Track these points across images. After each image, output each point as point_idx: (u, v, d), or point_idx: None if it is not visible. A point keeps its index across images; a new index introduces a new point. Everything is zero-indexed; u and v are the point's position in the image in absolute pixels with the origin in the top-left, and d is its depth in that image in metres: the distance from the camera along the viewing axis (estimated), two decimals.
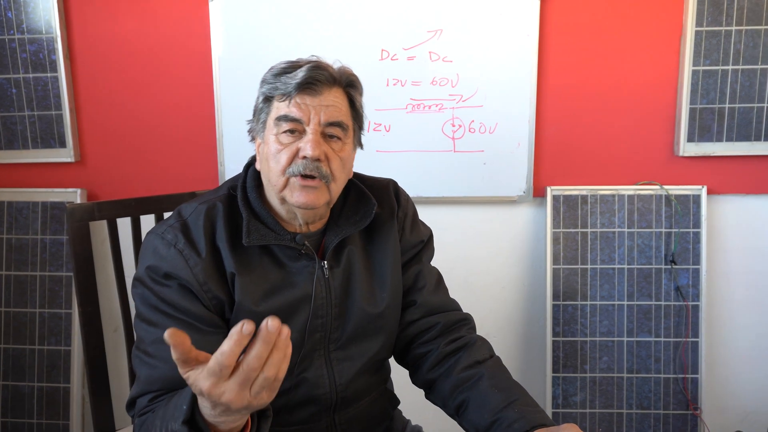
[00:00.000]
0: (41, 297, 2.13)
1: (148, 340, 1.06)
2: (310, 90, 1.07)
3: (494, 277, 2.22)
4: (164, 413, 0.94)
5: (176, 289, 1.06)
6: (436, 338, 1.25)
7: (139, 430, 1.02)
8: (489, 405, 1.13)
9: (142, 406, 1.04)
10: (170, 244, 1.07)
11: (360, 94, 1.15)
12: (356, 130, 1.16)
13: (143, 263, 1.09)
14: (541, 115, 2.09)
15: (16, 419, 2.14)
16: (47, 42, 2.06)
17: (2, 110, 2.11)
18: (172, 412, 0.90)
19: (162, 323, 1.05)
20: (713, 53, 2.03)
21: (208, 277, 1.06)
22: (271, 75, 1.10)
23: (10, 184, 2.17)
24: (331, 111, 1.08)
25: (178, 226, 1.09)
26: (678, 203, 2.10)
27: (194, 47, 2.08)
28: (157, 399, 1.03)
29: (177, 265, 1.06)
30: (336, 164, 1.09)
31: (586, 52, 2.06)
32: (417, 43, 2.04)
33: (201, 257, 1.06)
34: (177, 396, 0.94)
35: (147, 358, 1.05)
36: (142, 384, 1.05)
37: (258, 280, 1.09)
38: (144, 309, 1.08)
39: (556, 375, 2.13)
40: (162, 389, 1.03)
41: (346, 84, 1.12)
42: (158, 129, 2.14)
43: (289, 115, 1.06)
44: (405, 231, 1.26)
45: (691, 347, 2.12)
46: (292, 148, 1.07)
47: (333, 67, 1.10)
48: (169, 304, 1.06)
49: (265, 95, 1.11)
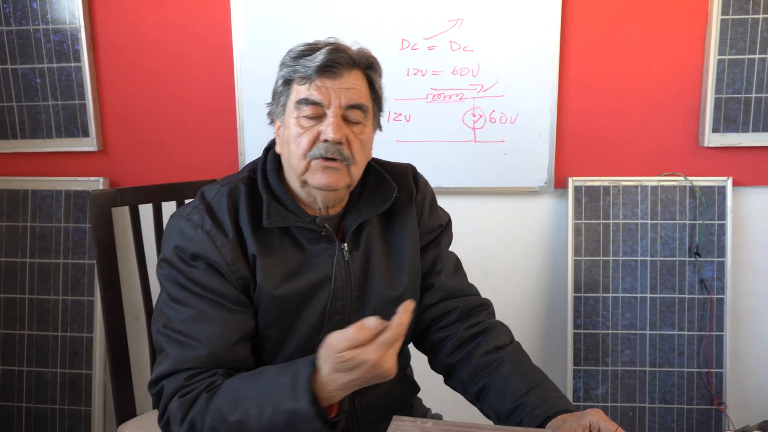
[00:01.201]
0: (64, 284, 2.15)
1: (178, 319, 1.06)
2: (330, 73, 1.06)
3: (514, 268, 2.20)
4: (261, 393, 0.97)
5: (204, 269, 1.06)
6: (455, 323, 1.24)
7: (184, 413, 1.01)
8: (510, 390, 1.12)
9: (178, 385, 1.03)
10: (197, 226, 1.07)
11: (379, 76, 1.15)
12: (375, 111, 1.16)
13: (169, 244, 1.09)
14: (563, 104, 2.07)
15: (39, 405, 2.17)
16: (71, 32, 2.08)
17: (27, 100, 2.14)
18: (281, 391, 0.95)
19: (192, 303, 1.06)
20: (739, 42, 1.99)
21: (236, 258, 1.07)
22: (290, 58, 1.10)
23: (34, 172, 2.20)
24: (352, 94, 1.08)
25: (203, 208, 1.10)
26: (702, 195, 2.06)
27: (215, 37, 2.09)
28: (194, 379, 1.03)
29: (204, 246, 1.06)
30: (356, 147, 1.09)
31: (608, 40, 2.03)
32: (437, 33, 2.03)
33: (228, 238, 1.07)
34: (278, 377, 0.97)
35: (179, 336, 1.05)
36: (172, 362, 1.04)
37: (278, 262, 1.10)
38: (172, 289, 1.08)
39: (577, 368, 2.11)
40: (200, 367, 1.03)
41: (366, 66, 1.11)
42: (179, 119, 2.15)
43: (310, 99, 1.06)
44: (423, 215, 1.26)
45: (715, 341, 2.08)
46: (313, 131, 1.07)
47: (352, 49, 1.10)
48: (197, 284, 1.06)
49: (285, 78, 1.11)
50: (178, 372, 1.04)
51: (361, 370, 0.90)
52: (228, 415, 0.97)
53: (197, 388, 1.02)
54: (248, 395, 0.98)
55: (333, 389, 0.93)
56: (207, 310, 1.05)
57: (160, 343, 1.07)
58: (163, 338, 1.07)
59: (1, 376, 2.19)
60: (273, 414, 0.95)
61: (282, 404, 0.94)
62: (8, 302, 2.18)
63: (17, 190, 2.18)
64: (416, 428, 0.84)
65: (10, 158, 2.21)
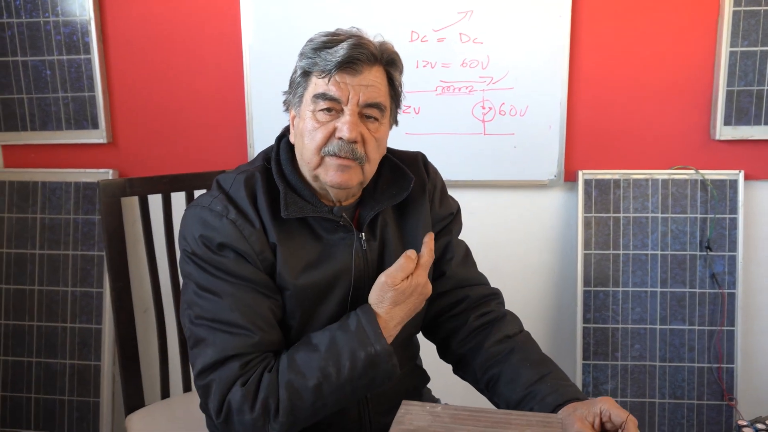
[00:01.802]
0: (73, 276, 2.16)
1: (215, 308, 1.05)
2: (350, 69, 1.05)
3: (524, 262, 2.19)
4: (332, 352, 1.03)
5: (233, 258, 1.06)
6: (465, 312, 1.24)
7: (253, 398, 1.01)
8: (521, 379, 1.12)
9: (233, 374, 1.02)
10: (221, 215, 1.06)
11: (400, 73, 1.13)
12: (393, 108, 1.15)
13: (193, 234, 1.08)
14: (573, 97, 2.06)
15: (47, 396, 2.18)
16: (81, 24, 2.09)
17: (37, 92, 2.14)
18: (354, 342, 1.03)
19: (226, 291, 1.05)
20: (752, 34, 1.98)
21: (263, 246, 1.07)
22: (310, 49, 1.08)
23: (43, 164, 2.21)
24: (371, 91, 1.06)
25: (224, 198, 1.09)
26: (714, 188, 2.04)
27: (225, 29, 2.09)
28: (249, 365, 1.03)
29: (231, 236, 1.05)
30: (371, 146, 1.08)
31: (619, 32, 2.02)
32: (447, 25, 2.02)
33: (255, 228, 1.06)
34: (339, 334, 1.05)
35: (218, 325, 1.04)
36: (218, 351, 1.03)
37: (297, 252, 1.09)
38: (203, 279, 1.07)
39: (586, 362, 2.10)
40: (247, 354, 1.03)
41: (387, 62, 1.10)
42: (189, 111, 2.15)
43: (328, 94, 1.05)
44: (434, 203, 1.25)
45: (726, 336, 2.06)
46: (329, 127, 1.06)
47: (374, 44, 1.08)
48: (227, 272, 1.06)
49: (304, 69, 1.09)
50: (228, 361, 1.03)
51: (414, 295, 1.08)
52: (305, 383, 1.01)
53: (256, 371, 1.03)
54: (318, 357, 1.02)
55: (393, 327, 1.07)
56: (242, 297, 1.05)
57: (198, 333, 1.06)
58: (200, 329, 1.06)
59: (11, 367, 2.19)
60: (352, 365, 1.02)
61: (358, 353, 1.02)
62: (18, 293, 2.19)
63: (27, 182, 2.19)
64: (426, 413, 0.83)
65: (20, 150, 2.22)
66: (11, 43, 2.12)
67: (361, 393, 1.07)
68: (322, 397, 1.02)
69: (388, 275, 1.07)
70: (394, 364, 1.04)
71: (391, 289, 1.06)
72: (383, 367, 1.04)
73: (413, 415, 0.83)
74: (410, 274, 1.08)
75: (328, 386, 1.02)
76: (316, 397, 1.02)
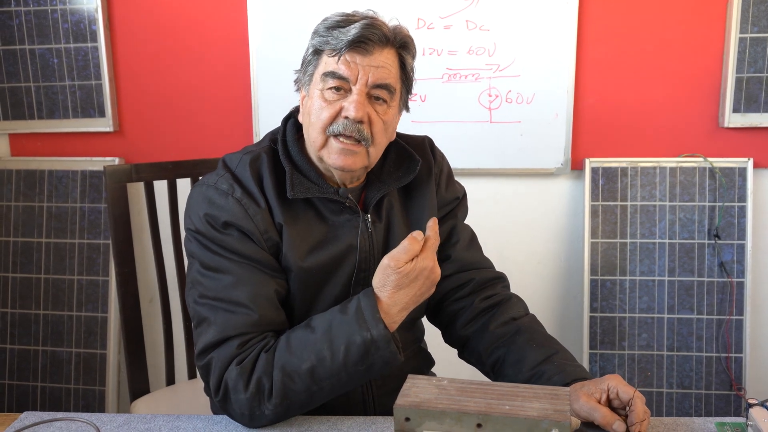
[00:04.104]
0: (79, 264, 2.16)
1: (217, 286, 1.04)
2: (361, 49, 1.04)
3: (530, 251, 2.18)
4: (328, 336, 0.99)
5: (237, 237, 1.05)
6: (470, 295, 1.23)
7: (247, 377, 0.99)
8: (527, 360, 1.11)
9: (232, 354, 1.01)
10: (227, 194, 1.06)
11: (412, 57, 1.12)
12: (404, 93, 1.14)
13: (197, 213, 1.07)
14: (580, 84, 2.04)
15: (54, 384, 2.18)
16: (88, 13, 2.09)
17: (44, 80, 2.15)
18: (350, 326, 0.99)
19: (229, 269, 1.05)
20: (761, 20, 1.96)
21: (268, 226, 1.06)
22: (323, 27, 1.07)
23: (50, 152, 2.21)
24: (380, 72, 1.05)
25: (230, 177, 1.08)
26: (722, 176, 2.03)
27: (231, 18, 2.09)
28: (247, 345, 1.02)
29: (237, 215, 1.05)
30: (378, 127, 1.07)
31: (627, 19, 2.01)
32: (453, 12, 2.01)
33: (260, 207, 1.06)
34: (336, 317, 1.01)
35: (220, 303, 1.04)
36: (219, 330, 1.02)
37: (303, 233, 1.09)
38: (207, 258, 1.06)
39: (593, 351, 2.08)
40: (246, 333, 1.02)
41: (400, 45, 1.09)
42: (195, 99, 2.15)
43: (337, 72, 1.04)
44: (440, 187, 1.24)
45: (734, 325, 2.05)
46: (336, 106, 1.05)
47: (388, 26, 1.07)
48: (231, 251, 1.05)
49: (315, 48, 1.08)
50: (228, 340, 1.02)
51: (420, 279, 1.01)
52: (298, 365, 0.98)
53: (253, 351, 1.01)
54: (314, 340, 0.99)
55: (396, 312, 1.01)
56: (246, 276, 1.05)
57: (201, 312, 1.05)
58: (203, 308, 1.05)
59: (17, 356, 2.20)
60: (347, 350, 0.98)
61: (354, 338, 0.98)
62: (24, 282, 2.19)
63: (34, 170, 2.19)
64: (432, 386, 0.82)
65: (26, 138, 2.22)
66: (18, 31, 2.12)
67: (359, 379, 1.02)
68: (317, 381, 0.99)
69: (391, 257, 0.99)
70: (393, 351, 0.99)
71: (394, 272, 0.99)
72: (381, 354, 0.99)
73: (419, 388, 0.82)
74: (415, 257, 1.00)
75: (322, 370, 0.99)
76: (311, 381, 0.99)
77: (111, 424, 1.03)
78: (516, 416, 0.75)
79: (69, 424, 1.02)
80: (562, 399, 0.79)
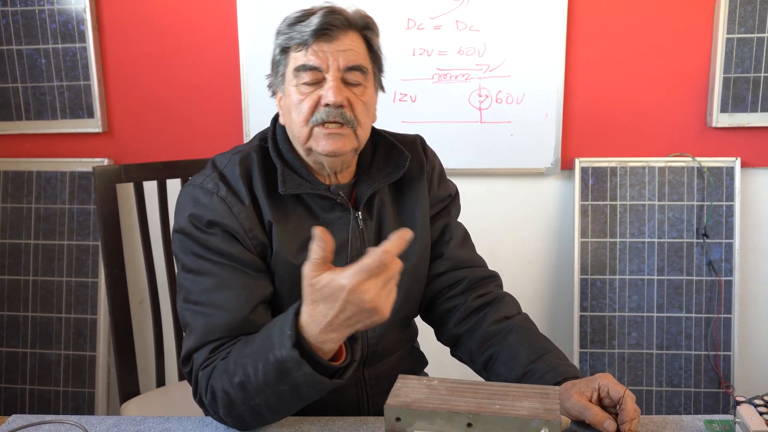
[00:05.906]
0: (68, 266, 2.15)
1: (198, 289, 1.04)
2: (326, 36, 1.05)
3: (521, 250, 2.19)
4: (254, 349, 0.93)
5: (221, 236, 1.05)
6: (463, 293, 1.23)
7: (206, 383, 0.98)
8: (519, 358, 1.11)
9: (203, 359, 1.00)
10: (212, 193, 1.06)
11: (377, 36, 1.13)
12: (376, 72, 1.14)
13: (183, 213, 1.07)
14: (570, 85, 2.05)
15: (43, 386, 2.17)
16: (76, 13, 2.08)
17: (32, 81, 2.13)
18: (268, 342, 0.90)
19: (210, 271, 1.04)
20: (748, 20, 1.98)
21: (253, 224, 1.06)
22: (285, 25, 1.09)
23: (38, 154, 2.20)
24: (350, 55, 1.06)
25: (216, 176, 1.08)
26: (711, 175, 2.05)
27: (220, 18, 2.08)
28: (218, 350, 1.01)
29: (221, 213, 1.05)
30: (359, 108, 1.08)
31: (616, 20, 2.02)
32: (443, 12, 2.02)
33: (244, 205, 1.06)
34: (268, 329, 0.93)
35: (200, 308, 1.03)
36: (198, 335, 1.02)
37: (294, 230, 1.09)
38: (189, 260, 1.06)
39: (583, 350, 2.09)
40: (222, 338, 1.01)
41: (362, 27, 1.10)
42: (185, 100, 2.14)
43: (308, 64, 1.05)
44: (433, 185, 1.25)
45: (723, 323, 2.06)
46: (314, 96, 1.05)
47: (347, 11, 1.09)
48: (214, 251, 1.05)
49: (282, 46, 1.10)
50: (205, 344, 1.02)
51: (341, 301, 0.82)
52: (232, 377, 0.95)
53: (219, 356, 1.00)
54: (246, 354, 0.94)
55: (320, 330, 0.86)
56: (226, 277, 1.04)
57: (185, 318, 1.05)
58: (186, 312, 1.05)
59: (6, 358, 2.18)
60: (265, 367, 0.90)
61: (270, 355, 0.89)
62: (12, 284, 2.18)
63: (22, 172, 2.18)
64: (422, 386, 0.83)
65: (14, 139, 2.21)
66: (6, 31, 2.11)
67: (293, 401, 0.93)
68: (251, 397, 0.93)
69: (307, 262, 0.85)
70: (307, 374, 0.87)
71: (306, 284, 0.85)
72: (295, 377, 0.88)
73: (410, 388, 0.82)
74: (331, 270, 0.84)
75: (250, 386, 0.92)
76: (245, 396, 0.93)
77: (100, 427, 1.02)
78: (506, 415, 0.75)
79: (58, 426, 1.02)
80: (552, 398, 0.79)
